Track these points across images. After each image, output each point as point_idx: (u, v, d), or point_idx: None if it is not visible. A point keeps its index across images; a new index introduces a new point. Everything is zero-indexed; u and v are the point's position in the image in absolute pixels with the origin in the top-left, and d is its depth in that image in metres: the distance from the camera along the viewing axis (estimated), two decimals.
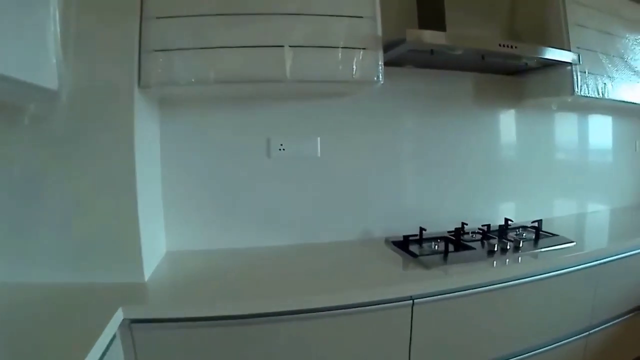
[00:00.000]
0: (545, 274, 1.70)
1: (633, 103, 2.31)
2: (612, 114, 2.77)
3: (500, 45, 1.67)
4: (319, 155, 1.93)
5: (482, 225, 2.06)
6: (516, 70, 2.22)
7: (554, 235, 2.03)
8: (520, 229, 2.15)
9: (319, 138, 1.93)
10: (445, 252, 1.76)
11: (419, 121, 2.13)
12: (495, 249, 1.77)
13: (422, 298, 1.45)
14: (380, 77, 1.58)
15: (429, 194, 2.17)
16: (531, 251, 1.81)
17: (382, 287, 1.42)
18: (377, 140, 2.04)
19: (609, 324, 2.03)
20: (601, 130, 2.77)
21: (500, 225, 2.11)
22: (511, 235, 2.05)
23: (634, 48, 2.28)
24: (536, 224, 2.10)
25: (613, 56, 2.18)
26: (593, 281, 1.90)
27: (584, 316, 1.92)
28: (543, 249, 1.84)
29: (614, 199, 2.87)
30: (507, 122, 2.37)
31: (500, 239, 1.96)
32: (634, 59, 2.28)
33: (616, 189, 2.89)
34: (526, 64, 1.97)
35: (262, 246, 1.86)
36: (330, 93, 1.87)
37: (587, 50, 2.05)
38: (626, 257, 2.00)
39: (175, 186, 1.79)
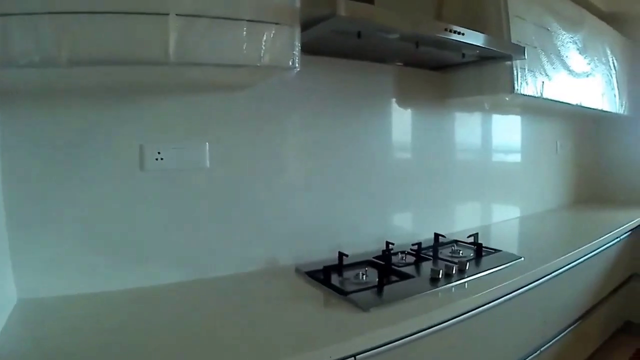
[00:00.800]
0: (500, 298, 1.46)
1: (567, 104, 2.16)
2: (534, 115, 2.66)
3: (447, 30, 1.37)
4: (207, 165, 1.49)
5: (413, 245, 1.78)
6: (444, 65, 1.97)
7: (496, 250, 1.79)
8: (455, 245, 1.91)
9: (207, 143, 1.49)
10: (380, 284, 1.41)
11: (332, 122, 1.77)
12: (440, 275, 1.47)
13: (366, 352, 1.08)
14: (297, 62, 1.21)
15: (343, 208, 1.82)
16: (479, 274, 1.53)
17: (315, 350, 1.01)
18: (280, 145, 1.65)
19: (558, 337, 1.89)
20: (523, 131, 2.66)
21: (434, 243, 1.85)
22: (447, 253, 1.80)
23: (569, 46, 2.14)
24: (473, 239, 1.86)
25: (550, 53, 2.01)
26: (545, 296, 1.73)
27: (536, 334, 1.76)
28: (492, 270, 1.58)
29: (538, 203, 2.80)
30: (432, 123, 2.12)
31: (436, 259, 1.71)
32: (569, 58, 2.14)
33: (539, 192, 2.82)
34: (463, 55, 1.70)
35: (143, 287, 1.38)
36: (229, 84, 1.47)
37: (527, 45, 1.83)
38: (575, 265, 1.88)
39: (23, 212, 1.26)
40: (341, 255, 1.62)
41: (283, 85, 1.57)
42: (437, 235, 1.91)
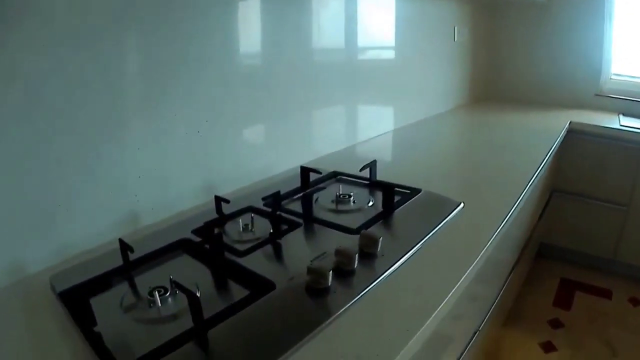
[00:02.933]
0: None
1: None
2: None
3: None
4: None
5: (265, 199, 0.99)
6: None
7: (413, 191, 1.04)
8: (340, 184, 1.12)
9: None
10: (199, 326, 0.58)
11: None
12: (328, 279, 0.66)
13: None
14: None
15: (135, 140, 0.88)
16: (408, 254, 0.76)
17: None
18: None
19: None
20: (414, 18, 1.81)
21: (302, 186, 1.07)
22: (328, 204, 1.00)
23: None
24: (369, 172, 1.10)
25: None
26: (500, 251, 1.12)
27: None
28: (428, 235, 0.83)
29: (432, 105, 2.11)
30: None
31: (310, 223, 0.90)
32: None
33: (434, 91, 2.11)
34: None
35: None
36: None
37: None
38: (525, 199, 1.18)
39: None
40: (125, 248, 0.73)
41: None
42: (306, 171, 1.09)
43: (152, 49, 0.87)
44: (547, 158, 1.41)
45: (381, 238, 0.75)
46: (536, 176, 1.23)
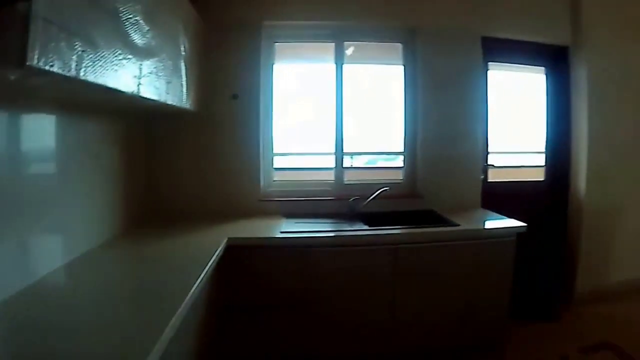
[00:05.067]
0: None
1: (118, 92, 1.42)
2: (73, 111, 1.72)
3: None
4: None
5: None
6: None
7: None
8: None
9: None
10: None
11: None
12: None
13: None
14: None
15: None
16: None
17: None
18: None
19: None
20: (57, 136, 1.64)
21: None
22: None
23: (132, 6, 1.44)
24: None
25: (100, 7, 1.24)
26: None
27: None
28: None
29: (78, 243, 1.78)
30: None
31: None
32: (128, 23, 1.44)
33: (83, 222, 1.82)
34: None
35: None
36: None
37: None
38: None
39: None
40: None
41: None
42: None
43: None
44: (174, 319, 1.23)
45: None
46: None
